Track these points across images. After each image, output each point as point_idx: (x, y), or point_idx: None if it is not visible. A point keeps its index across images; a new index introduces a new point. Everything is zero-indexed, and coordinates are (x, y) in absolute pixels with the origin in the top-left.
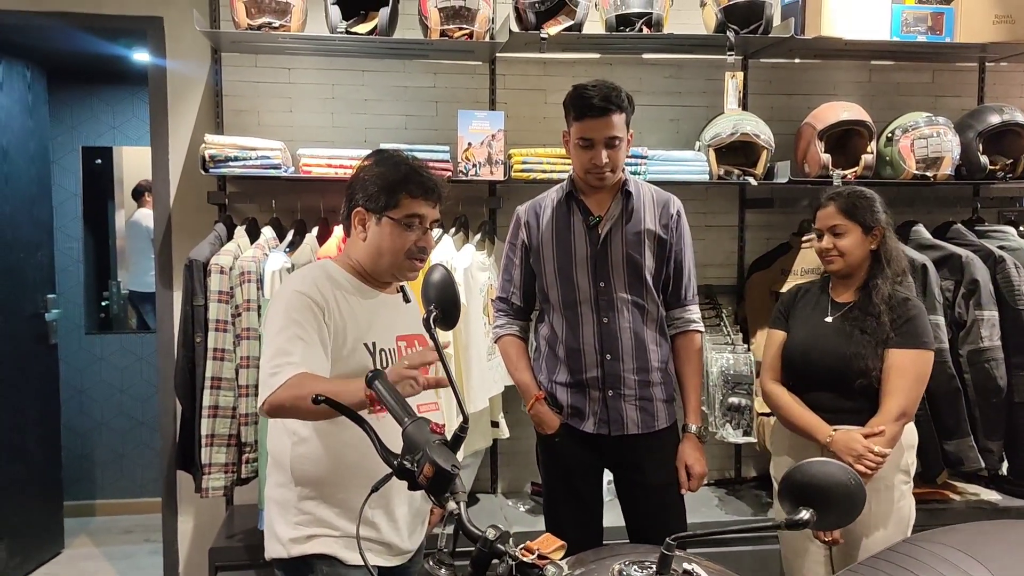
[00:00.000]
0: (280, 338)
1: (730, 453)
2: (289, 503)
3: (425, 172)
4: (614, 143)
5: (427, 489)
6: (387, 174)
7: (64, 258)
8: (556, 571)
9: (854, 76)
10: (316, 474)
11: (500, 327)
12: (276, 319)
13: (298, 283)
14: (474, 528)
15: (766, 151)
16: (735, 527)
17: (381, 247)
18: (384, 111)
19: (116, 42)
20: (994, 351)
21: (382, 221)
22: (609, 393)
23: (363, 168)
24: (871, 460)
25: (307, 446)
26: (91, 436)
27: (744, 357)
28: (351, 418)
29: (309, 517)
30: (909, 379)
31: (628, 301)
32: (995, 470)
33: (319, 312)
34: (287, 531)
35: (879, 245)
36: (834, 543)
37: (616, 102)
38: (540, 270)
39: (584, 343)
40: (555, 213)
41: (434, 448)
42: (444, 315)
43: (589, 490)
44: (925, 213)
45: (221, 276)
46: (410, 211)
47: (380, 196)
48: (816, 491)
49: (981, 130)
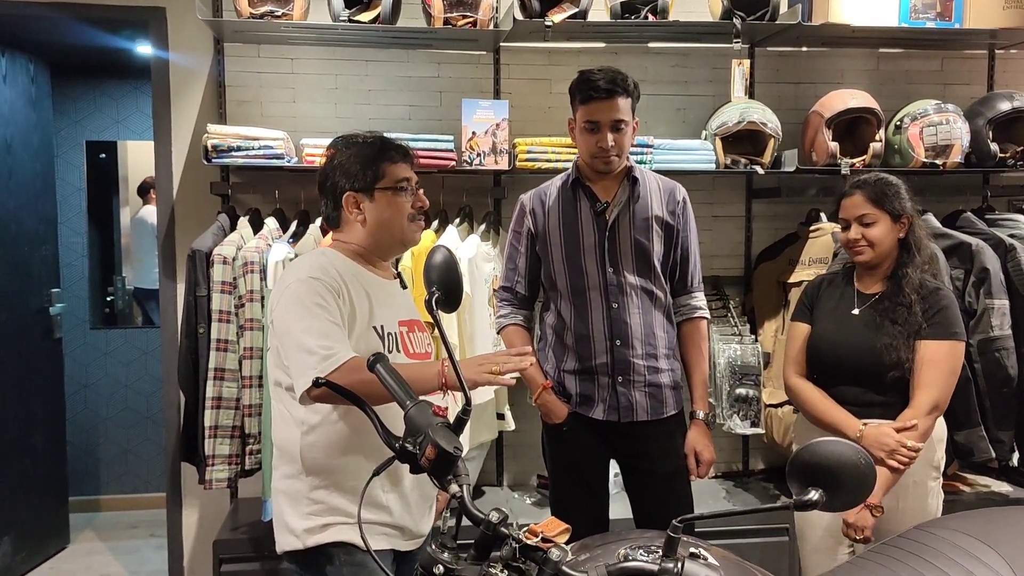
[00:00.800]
0: (317, 322)
1: (738, 445)
2: (300, 493)
3: (390, 139)
4: (620, 126)
5: (429, 471)
6: (362, 151)
7: (69, 253)
8: (560, 554)
9: (862, 64)
10: (327, 462)
11: (504, 316)
12: (298, 307)
13: (306, 270)
14: (477, 511)
15: (773, 139)
16: (743, 510)
17: (383, 219)
18: (388, 101)
19: (119, 34)
20: (1005, 340)
21: (375, 195)
22: (619, 379)
23: (332, 157)
24: (904, 455)
25: (317, 434)
26: (96, 431)
27: (752, 348)
28: (353, 402)
29: (322, 506)
30: (943, 371)
31: (637, 287)
32: (1006, 460)
33: (335, 295)
34: (300, 522)
35: (907, 233)
36: (865, 541)
37: (622, 86)
38: (547, 257)
39: (593, 329)
40: (561, 200)
41: (436, 430)
42: (447, 297)
43: (596, 480)
44: (935, 202)
45: (224, 266)
46: (398, 176)
47: (364, 172)
48: (825, 471)
49: (991, 117)
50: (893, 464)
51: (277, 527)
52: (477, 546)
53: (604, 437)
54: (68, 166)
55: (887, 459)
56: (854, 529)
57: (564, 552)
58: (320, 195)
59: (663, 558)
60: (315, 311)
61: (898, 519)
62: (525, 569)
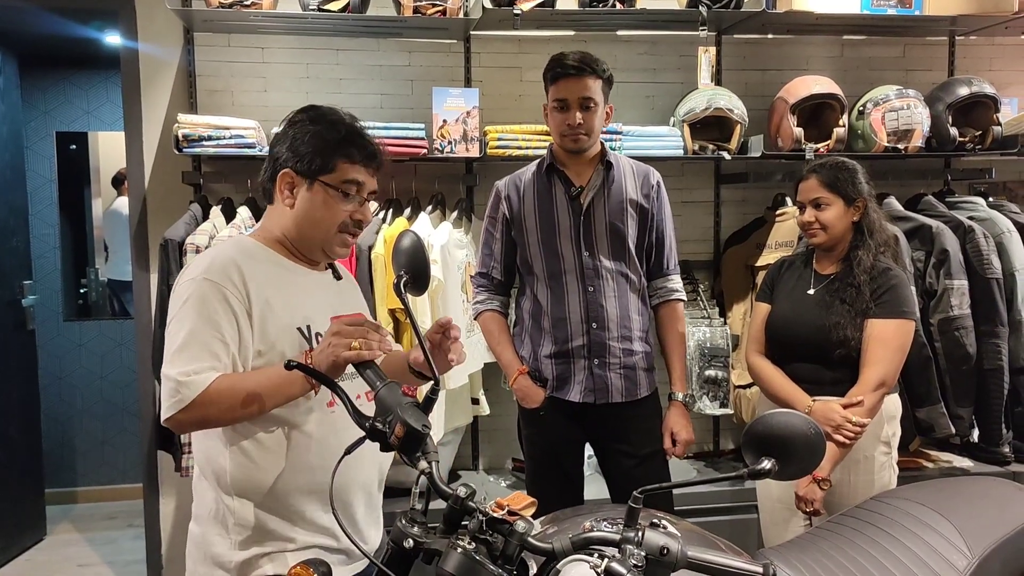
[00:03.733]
0: (192, 336)
1: (709, 426)
2: (227, 519)
3: (367, 135)
4: (588, 104)
5: (399, 449)
6: (323, 133)
7: (40, 245)
8: (526, 526)
9: (826, 51)
10: (263, 481)
11: (480, 303)
12: (179, 311)
13: (205, 267)
14: (445, 486)
15: (740, 126)
16: (700, 479)
17: (311, 216)
18: (359, 90)
19: (88, 24)
20: (964, 319)
21: (314, 187)
22: (595, 362)
23: (293, 123)
24: (850, 430)
25: (250, 451)
26: (72, 423)
27: (721, 331)
28: (324, 383)
29: (257, 532)
30: (889, 349)
31: (612, 270)
32: (966, 436)
33: (233, 301)
34: (231, 554)
35: (861, 217)
36: (815, 514)
37: (591, 66)
38: (523, 241)
39: (570, 312)
40: (536, 185)
41: (405, 409)
42: (414, 280)
43: (571, 464)
44: (897, 185)
45: (197, 256)
46: (347, 176)
47: (314, 157)
48: (777, 441)
49: (950, 102)
50: (839, 439)
51: (196, 560)
52: (446, 520)
53: (580, 420)
54: (38, 157)
55: (834, 434)
56: (804, 502)
57: (530, 524)
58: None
59: (625, 527)
60: (195, 321)
61: (849, 493)
62: (492, 541)
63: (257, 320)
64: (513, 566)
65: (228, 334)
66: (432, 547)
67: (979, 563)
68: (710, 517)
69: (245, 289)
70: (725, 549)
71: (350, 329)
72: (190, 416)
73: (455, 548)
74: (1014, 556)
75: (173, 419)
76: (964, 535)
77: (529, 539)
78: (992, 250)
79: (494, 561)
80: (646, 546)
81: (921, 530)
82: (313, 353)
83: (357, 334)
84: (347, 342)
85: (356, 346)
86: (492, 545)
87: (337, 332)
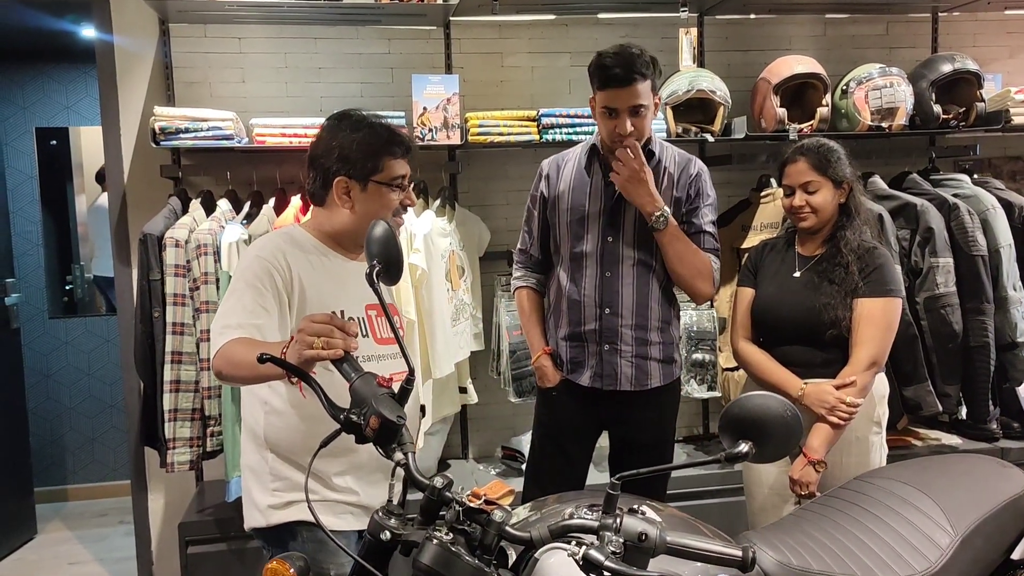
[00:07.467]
0: (228, 302)
1: (698, 410)
2: (264, 470)
3: (400, 131)
4: (639, 111)
5: (374, 441)
6: (368, 139)
7: (23, 242)
8: (503, 515)
9: (809, 30)
10: (290, 442)
11: (518, 279)
12: (233, 282)
13: (259, 248)
14: (421, 477)
15: (723, 107)
16: (679, 464)
17: (370, 212)
18: (338, 79)
19: (63, 17)
20: (949, 297)
21: (368, 187)
22: (605, 347)
23: (334, 134)
24: (844, 411)
25: (279, 415)
26: (60, 421)
27: (707, 314)
28: (297, 375)
29: (286, 483)
30: (879, 328)
31: (635, 258)
32: (953, 413)
33: (277, 278)
34: (265, 498)
35: (847, 198)
36: (810, 496)
37: (639, 70)
38: (554, 221)
39: (584, 295)
40: (576, 167)
41: (380, 400)
42: (387, 269)
43: (576, 449)
44: (882, 164)
45: (177, 249)
46: (395, 173)
47: (365, 162)
48: (754, 424)
49: (933, 79)
50: (834, 420)
51: (245, 504)
52: (423, 511)
53: (591, 405)
54: (18, 154)
55: (828, 415)
56: (799, 485)
57: (507, 513)
58: (309, 168)
59: (603, 514)
60: (237, 290)
61: (842, 474)
62: (470, 531)
63: (297, 300)
64: (492, 555)
65: (269, 303)
66: (410, 539)
67: (962, 540)
68: (700, 500)
69: (289, 273)
70: (709, 534)
71: (315, 327)
72: (215, 367)
73: (431, 540)
74: (997, 532)
75: (213, 367)
76: (947, 513)
77: (507, 528)
78: (977, 227)
79: (472, 551)
80: (624, 532)
81: (904, 509)
82: (287, 347)
83: (321, 333)
84: (310, 340)
85: (318, 345)
86: (470, 535)
87: (302, 330)
